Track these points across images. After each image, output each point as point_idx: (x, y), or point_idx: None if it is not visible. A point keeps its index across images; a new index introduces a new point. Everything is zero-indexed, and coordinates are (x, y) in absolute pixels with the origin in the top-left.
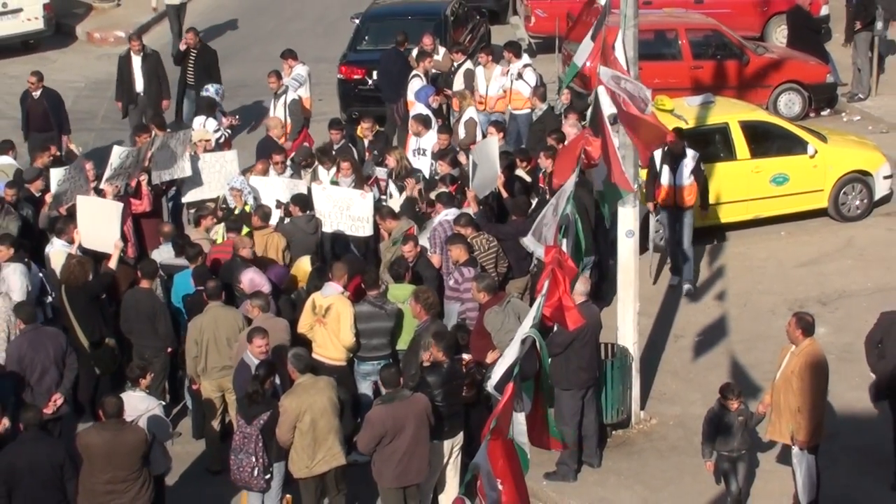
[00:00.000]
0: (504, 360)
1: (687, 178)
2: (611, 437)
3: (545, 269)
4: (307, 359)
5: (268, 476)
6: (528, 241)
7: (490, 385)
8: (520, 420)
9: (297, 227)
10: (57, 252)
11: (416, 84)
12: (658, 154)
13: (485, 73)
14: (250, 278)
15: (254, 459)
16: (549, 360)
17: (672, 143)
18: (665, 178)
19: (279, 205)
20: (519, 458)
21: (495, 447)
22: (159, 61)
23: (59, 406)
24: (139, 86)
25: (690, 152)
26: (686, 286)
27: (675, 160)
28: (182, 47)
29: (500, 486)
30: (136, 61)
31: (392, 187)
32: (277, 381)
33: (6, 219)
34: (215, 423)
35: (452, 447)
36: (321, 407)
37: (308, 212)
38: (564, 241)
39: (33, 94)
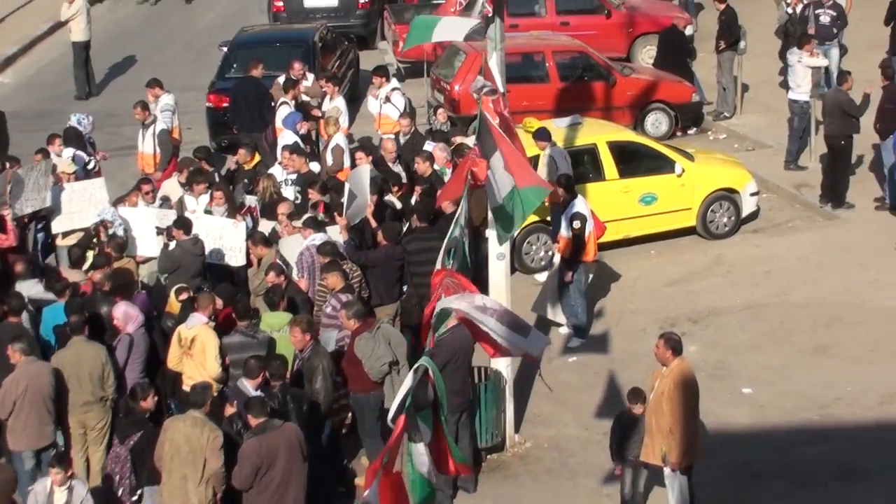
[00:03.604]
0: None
1: (565, 230)
2: (485, 461)
3: (433, 294)
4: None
5: (135, 498)
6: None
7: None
8: (420, 451)
9: (184, 251)
10: None
11: (283, 111)
12: None
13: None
14: (123, 311)
15: (117, 479)
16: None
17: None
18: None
19: (160, 231)
20: (407, 492)
21: (385, 484)
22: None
23: None
24: None
25: (573, 207)
26: (572, 339)
27: (558, 210)
28: None
29: None
30: None
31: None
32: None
33: None
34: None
35: None
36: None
37: (193, 234)
38: (451, 262)
39: None
